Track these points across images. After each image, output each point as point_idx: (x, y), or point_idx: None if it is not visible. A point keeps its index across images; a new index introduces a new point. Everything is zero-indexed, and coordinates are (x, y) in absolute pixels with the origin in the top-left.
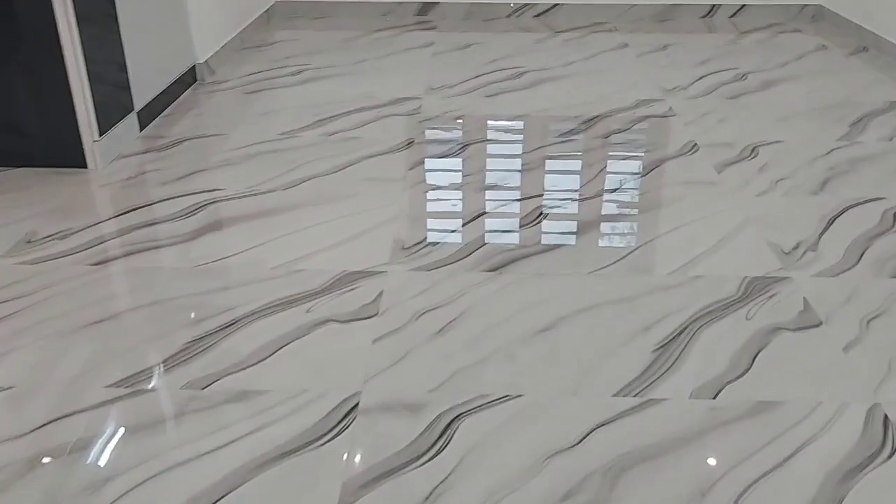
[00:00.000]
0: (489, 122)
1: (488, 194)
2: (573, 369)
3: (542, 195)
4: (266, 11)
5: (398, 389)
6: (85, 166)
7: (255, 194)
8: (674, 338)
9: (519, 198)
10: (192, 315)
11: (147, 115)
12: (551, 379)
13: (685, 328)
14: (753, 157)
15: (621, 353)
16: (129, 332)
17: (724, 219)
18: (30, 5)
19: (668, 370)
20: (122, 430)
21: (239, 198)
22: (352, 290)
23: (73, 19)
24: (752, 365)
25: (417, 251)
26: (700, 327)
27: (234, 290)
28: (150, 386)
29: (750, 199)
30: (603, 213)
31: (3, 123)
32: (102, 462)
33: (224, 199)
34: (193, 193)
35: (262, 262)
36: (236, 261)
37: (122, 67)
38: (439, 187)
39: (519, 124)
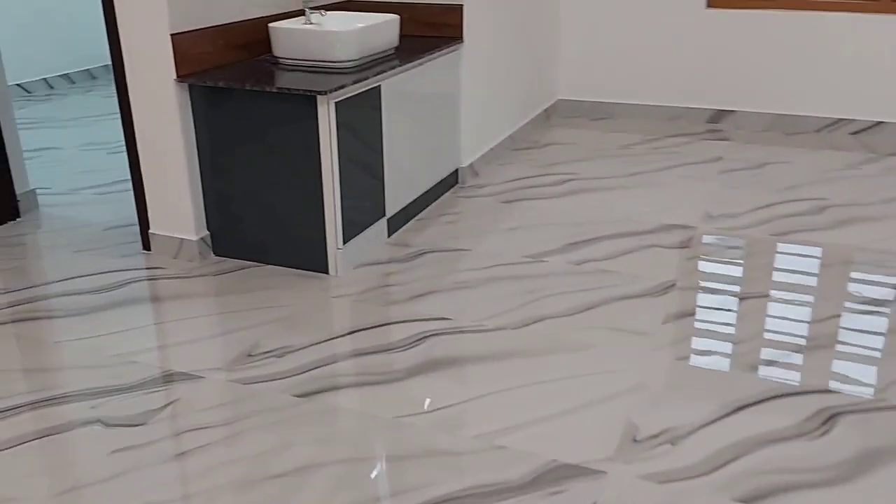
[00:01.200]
0: (777, 269)
1: (762, 374)
2: None
3: (830, 390)
4: (546, 110)
5: None
6: (327, 272)
7: (481, 330)
8: None
9: (802, 389)
10: (382, 487)
11: (399, 220)
12: None
13: None
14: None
15: None
16: (309, 494)
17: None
18: (296, 111)
19: None
20: None
21: (464, 332)
22: (557, 493)
23: (333, 128)
24: None
25: (652, 448)
26: None
27: (427, 462)
28: None
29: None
30: None
31: (263, 221)
32: None
33: (449, 332)
34: (421, 320)
35: (466, 425)
36: (438, 418)
37: (379, 177)
38: (699, 354)
39: (812, 279)
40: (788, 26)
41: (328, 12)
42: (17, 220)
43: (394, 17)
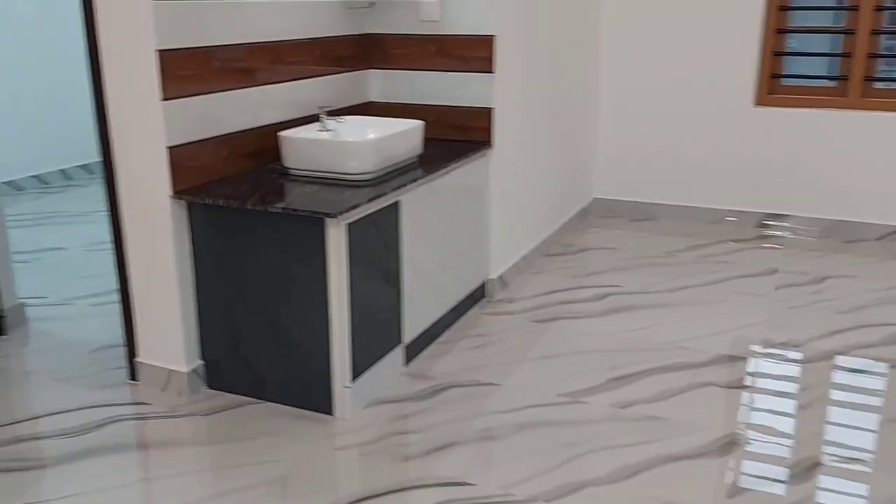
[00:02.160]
0: (853, 426)
1: None
2: None
3: None
4: (581, 210)
5: None
6: (332, 413)
7: (510, 502)
8: None
9: None
10: None
11: (418, 345)
12: None
13: None
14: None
15: None
16: None
17: None
18: (302, 234)
19: None
20: None
21: (483, 502)
22: None
23: (344, 254)
24: None
25: None
26: None
27: None
28: None
29: None
30: None
31: (263, 353)
32: None
33: (466, 501)
34: (440, 484)
35: None
36: None
37: (397, 301)
38: None
39: None
40: (843, 126)
41: (347, 117)
42: (2, 337)
43: (417, 124)
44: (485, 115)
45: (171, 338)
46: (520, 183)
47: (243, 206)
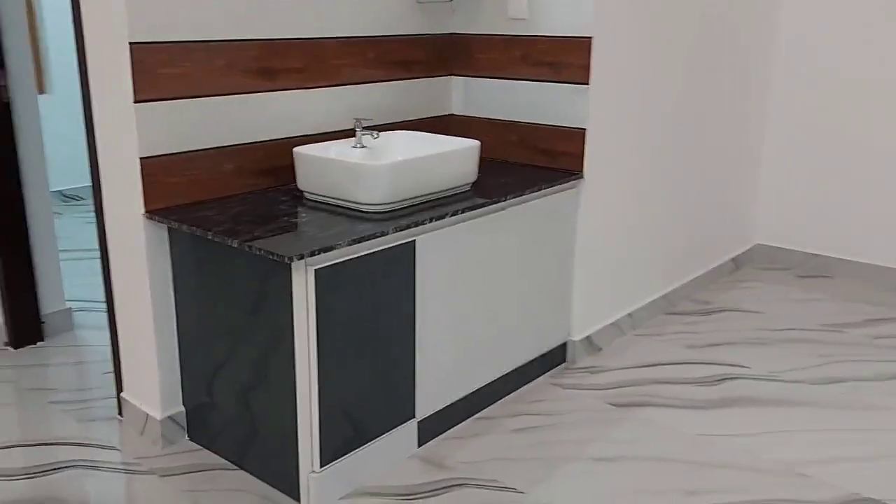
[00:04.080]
0: None
1: None
2: None
3: None
4: (735, 259)
5: None
6: (298, 500)
7: None
8: None
9: None
10: None
11: (443, 420)
12: None
13: None
14: None
15: None
16: None
17: None
18: (270, 277)
19: None
20: None
21: None
22: None
23: (310, 305)
24: None
25: None
26: None
27: None
28: None
29: None
30: None
31: (238, 412)
32: None
33: None
34: None
35: None
36: None
37: (406, 366)
38: None
39: None
40: None
41: (394, 133)
42: (38, 343)
43: (467, 146)
44: (576, 137)
45: (147, 377)
46: (624, 223)
47: (205, 236)
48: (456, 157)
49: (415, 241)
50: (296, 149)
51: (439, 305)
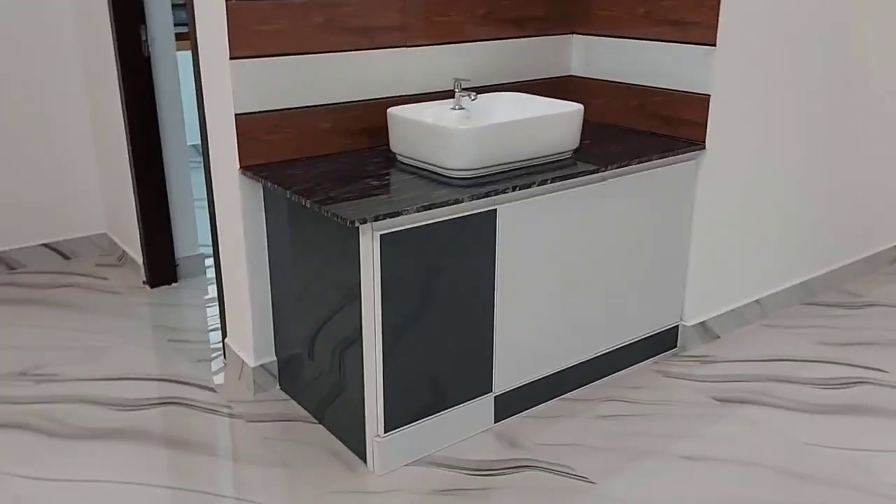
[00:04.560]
0: None
1: None
2: None
3: None
4: None
5: None
6: (365, 461)
7: None
8: None
9: None
10: None
11: (524, 397)
12: None
13: None
14: None
15: None
16: None
17: None
18: (342, 240)
19: None
20: None
21: None
22: None
23: (376, 270)
24: None
25: None
26: None
27: None
28: None
29: None
30: None
31: (320, 369)
32: None
33: None
34: None
35: None
36: None
37: (483, 342)
38: None
39: None
40: None
41: (504, 94)
42: (172, 284)
43: (569, 110)
44: (699, 103)
45: (244, 325)
46: (754, 200)
47: (284, 195)
48: (553, 122)
49: (496, 209)
50: (389, 109)
51: (524, 279)
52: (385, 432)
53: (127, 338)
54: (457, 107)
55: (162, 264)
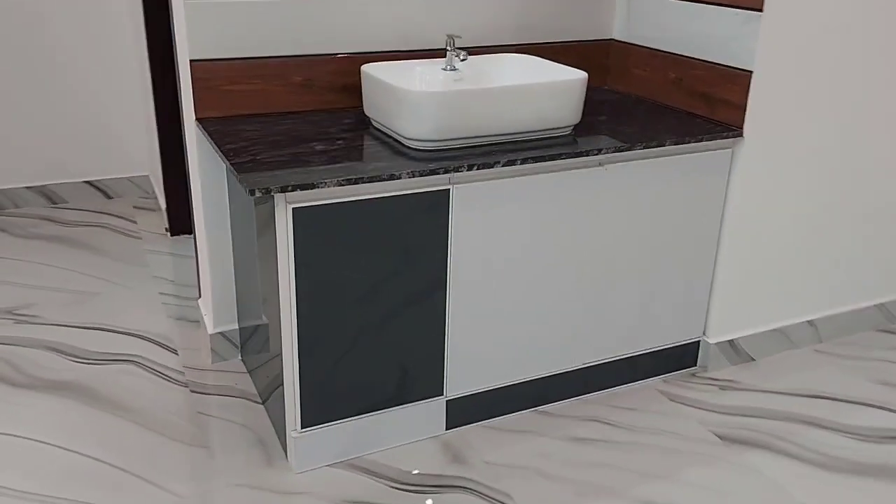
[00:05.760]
0: None
1: None
2: None
3: None
4: None
5: None
6: (286, 456)
7: None
8: None
9: None
10: None
11: (491, 403)
12: None
13: None
14: None
15: None
16: None
17: None
18: (264, 215)
19: None
20: None
21: None
22: None
23: (289, 247)
24: None
25: None
26: None
27: None
28: None
29: None
30: None
31: (261, 346)
32: None
33: None
34: None
35: None
36: None
37: (432, 337)
38: None
39: None
40: None
41: (509, 56)
42: (190, 234)
43: (562, 79)
44: (739, 81)
45: (206, 288)
46: (809, 201)
47: (215, 152)
48: (541, 93)
49: (449, 190)
50: (364, 66)
51: (486, 274)
52: (303, 428)
53: (122, 286)
54: (448, 67)
55: (181, 212)
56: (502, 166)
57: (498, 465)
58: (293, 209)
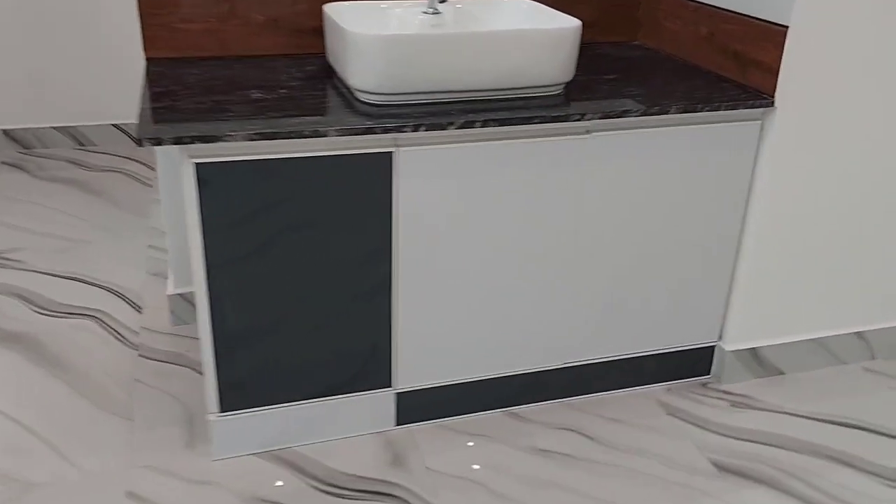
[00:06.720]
0: None
1: None
2: None
3: None
4: None
5: None
6: (209, 438)
7: None
8: None
9: None
10: None
11: (458, 398)
12: None
13: None
14: None
15: None
16: None
17: None
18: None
19: None
20: None
21: None
22: None
23: (195, 209)
24: None
25: None
26: None
27: None
28: None
29: None
30: None
31: None
32: None
33: None
34: None
35: None
36: None
37: (376, 316)
38: None
39: None
40: None
41: (507, 0)
42: None
43: (554, 27)
44: (774, 38)
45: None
46: (853, 189)
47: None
48: (517, 43)
49: (392, 153)
50: (326, 5)
51: (443, 253)
52: (223, 411)
53: (115, 235)
54: (431, 10)
55: None
56: (457, 128)
57: (439, 474)
58: (196, 164)
